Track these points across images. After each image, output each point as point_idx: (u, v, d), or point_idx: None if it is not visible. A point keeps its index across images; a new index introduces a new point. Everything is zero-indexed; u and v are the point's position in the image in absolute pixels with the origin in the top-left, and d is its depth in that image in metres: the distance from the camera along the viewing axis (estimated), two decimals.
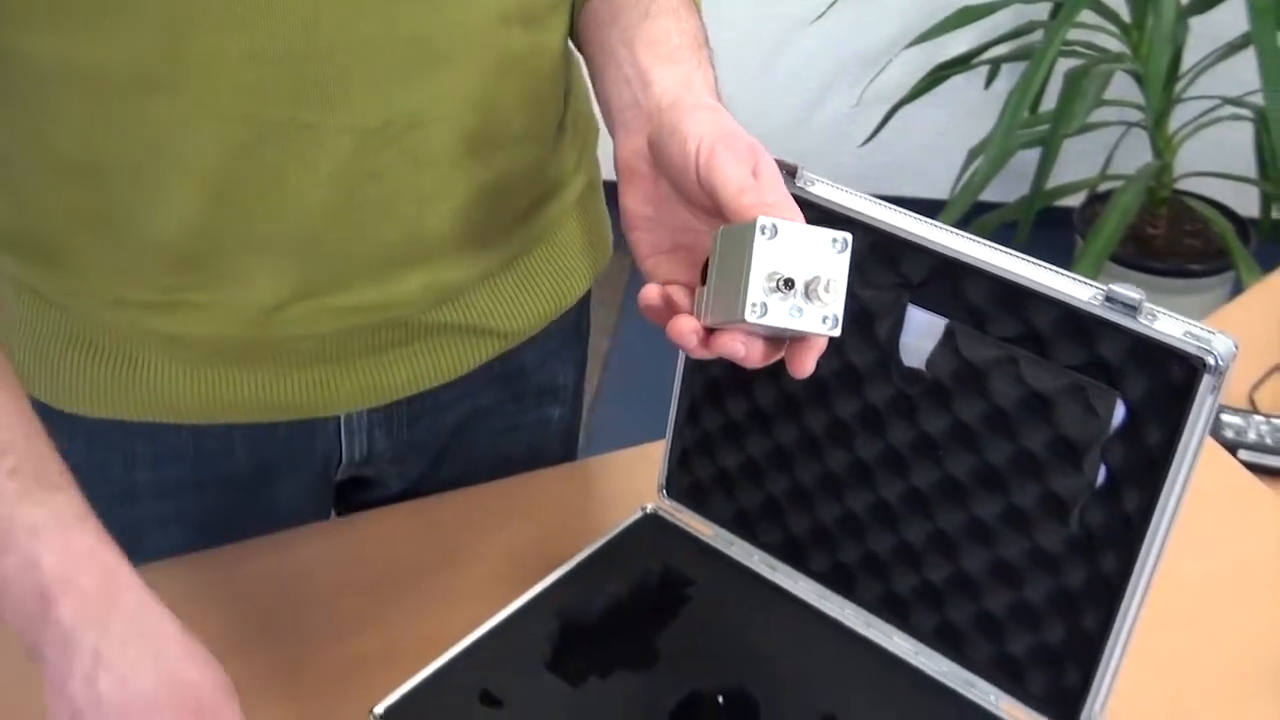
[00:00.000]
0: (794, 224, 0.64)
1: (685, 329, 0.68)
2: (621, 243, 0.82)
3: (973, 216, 2.64)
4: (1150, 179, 2.64)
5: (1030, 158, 2.60)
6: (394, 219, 0.86)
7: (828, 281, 0.64)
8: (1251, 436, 1.28)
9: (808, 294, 0.64)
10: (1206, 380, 0.68)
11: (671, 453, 0.94)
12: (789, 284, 0.63)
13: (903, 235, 0.77)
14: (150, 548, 1.00)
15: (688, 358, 0.90)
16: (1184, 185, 2.84)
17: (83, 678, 0.68)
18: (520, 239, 0.96)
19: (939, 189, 2.81)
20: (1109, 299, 0.70)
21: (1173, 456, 0.70)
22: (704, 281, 0.70)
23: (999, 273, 0.74)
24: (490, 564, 0.99)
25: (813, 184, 0.80)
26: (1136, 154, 2.76)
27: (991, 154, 2.46)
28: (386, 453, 1.03)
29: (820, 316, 0.64)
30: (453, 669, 0.83)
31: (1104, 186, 2.88)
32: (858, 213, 0.78)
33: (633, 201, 0.76)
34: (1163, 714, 0.89)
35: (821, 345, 0.68)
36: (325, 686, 0.90)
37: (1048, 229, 2.78)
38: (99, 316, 0.88)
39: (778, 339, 0.68)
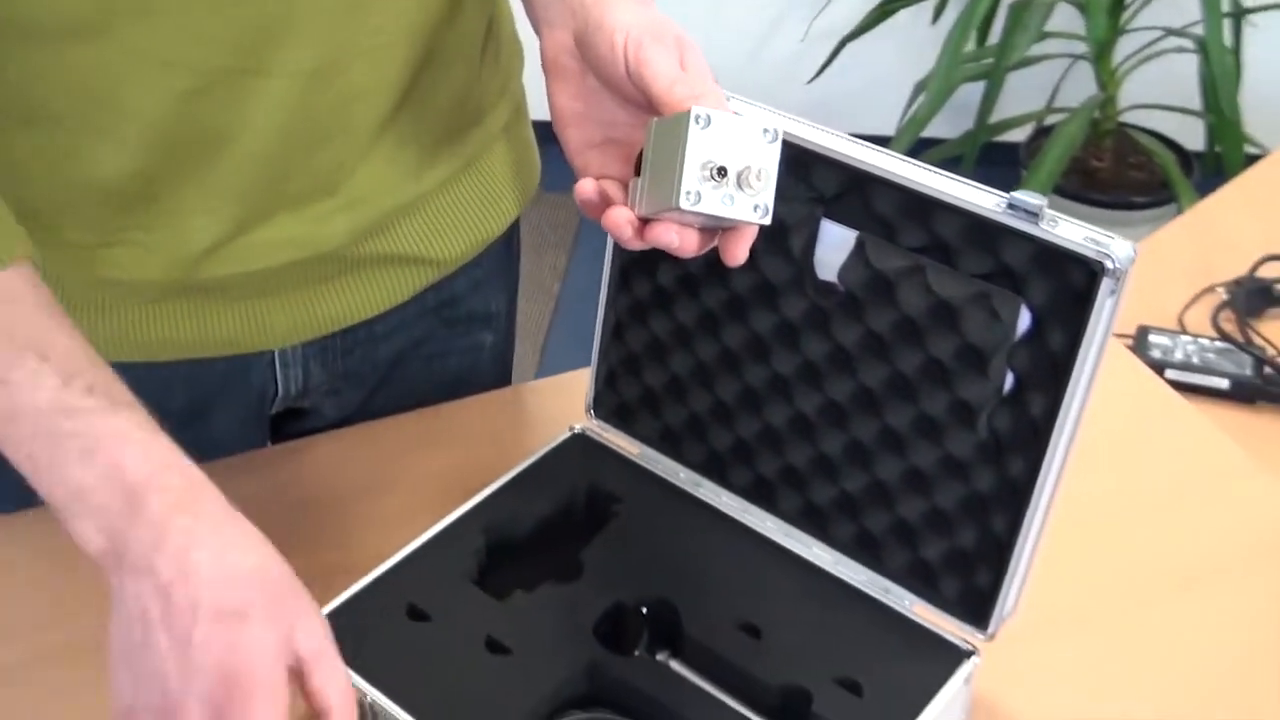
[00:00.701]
0: (727, 114, 0.67)
1: (620, 220, 0.71)
2: (561, 183, 0.82)
3: (918, 151, 2.64)
4: (1094, 111, 2.66)
5: (976, 92, 2.61)
6: (327, 154, 0.87)
7: (759, 170, 0.67)
8: (1178, 356, 1.30)
9: (740, 183, 0.67)
10: (1106, 284, 0.70)
11: (598, 373, 0.95)
12: (722, 172, 0.66)
13: (815, 149, 0.78)
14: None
15: (612, 279, 0.91)
16: (1129, 118, 2.85)
17: (174, 552, 0.66)
18: (448, 166, 0.97)
19: (887, 125, 2.81)
20: (1011, 206, 0.72)
21: (1075, 360, 0.72)
22: (638, 173, 0.72)
23: (907, 183, 0.75)
24: (422, 488, 1.00)
25: (729, 99, 0.80)
26: (1082, 87, 2.78)
27: (935, 87, 2.47)
28: (322, 385, 1.04)
29: (752, 205, 0.67)
30: (379, 586, 0.84)
31: (1049, 120, 2.89)
32: None
33: (562, 98, 0.77)
34: (1073, 616, 0.92)
35: (752, 234, 0.71)
36: None
37: (994, 164, 2.79)
38: (37, 257, 0.89)
39: (710, 229, 0.71)
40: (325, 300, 0.96)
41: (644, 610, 0.84)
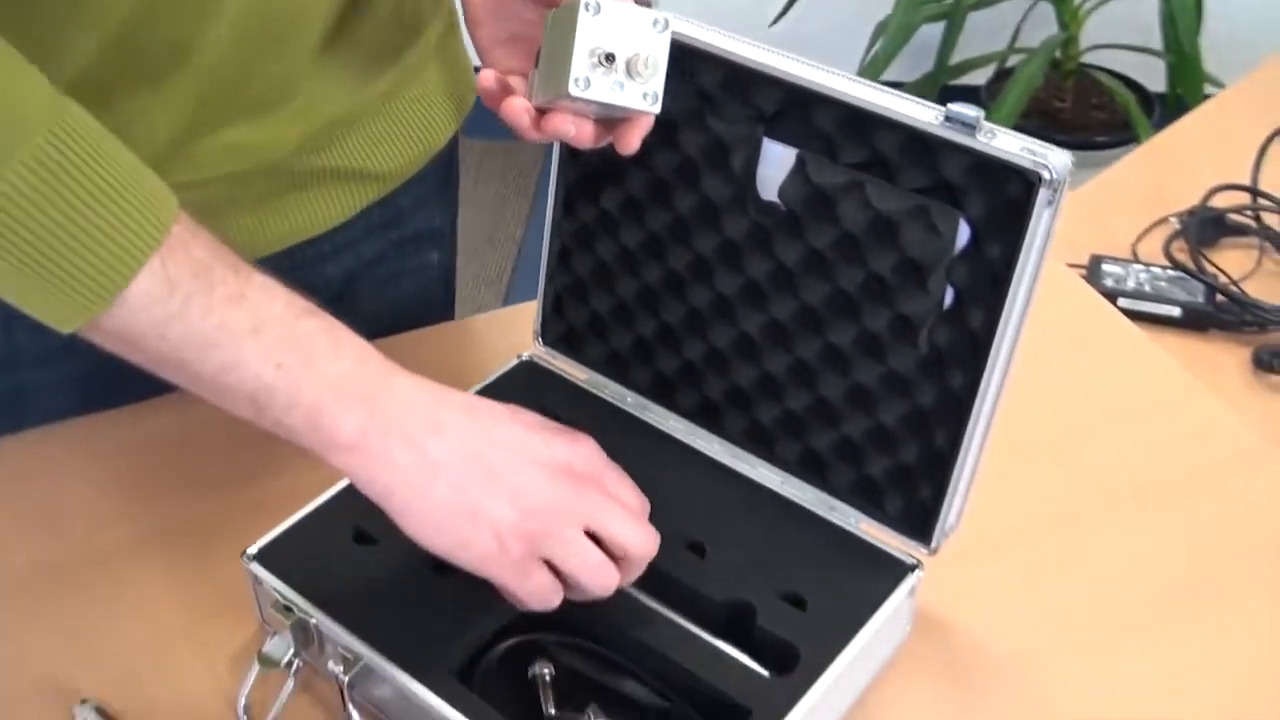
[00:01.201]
0: (616, 3, 0.69)
1: (518, 109, 0.73)
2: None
3: None
4: (1055, 51, 2.66)
5: (937, 34, 2.61)
6: (280, 62, 0.87)
7: (648, 58, 0.69)
8: (1130, 285, 1.31)
9: (629, 71, 0.69)
10: (1043, 194, 0.70)
11: (545, 300, 0.95)
12: (610, 59, 0.69)
13: (754, 67, 0.78)
14: (36, 413, 1.00)
15: (557, 204, 0.91)
16: (1090, 58, 2.85)
17: (446, 401, 0.73)
18: (387, 80, 0.97)
19: (847, 68, 2.80)
20: (948, 118, 0.71)
21: (1014, 272, 0.72)
22: (537, 66, 0.74)
23: (846, 99, 0.75)
24: None
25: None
26: (1043, 28, 2.77)
27: (894, 29, 2.47)
28: None
29: (641, 93, 0.70)
30: (325, 511, 0.84)
31: (1011, 62, 2.89)
32: (710, 45, 0.79)
33: None
34: (1018, 533, 0.92)
35: (646, 124, 0.74)
36: (208, 539, 0.91)
37: None
38: None
39: (606, 120, 0.73)
40: (274, 218, 0.96)
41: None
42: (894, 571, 0.80)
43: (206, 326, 0.69)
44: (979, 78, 2.93)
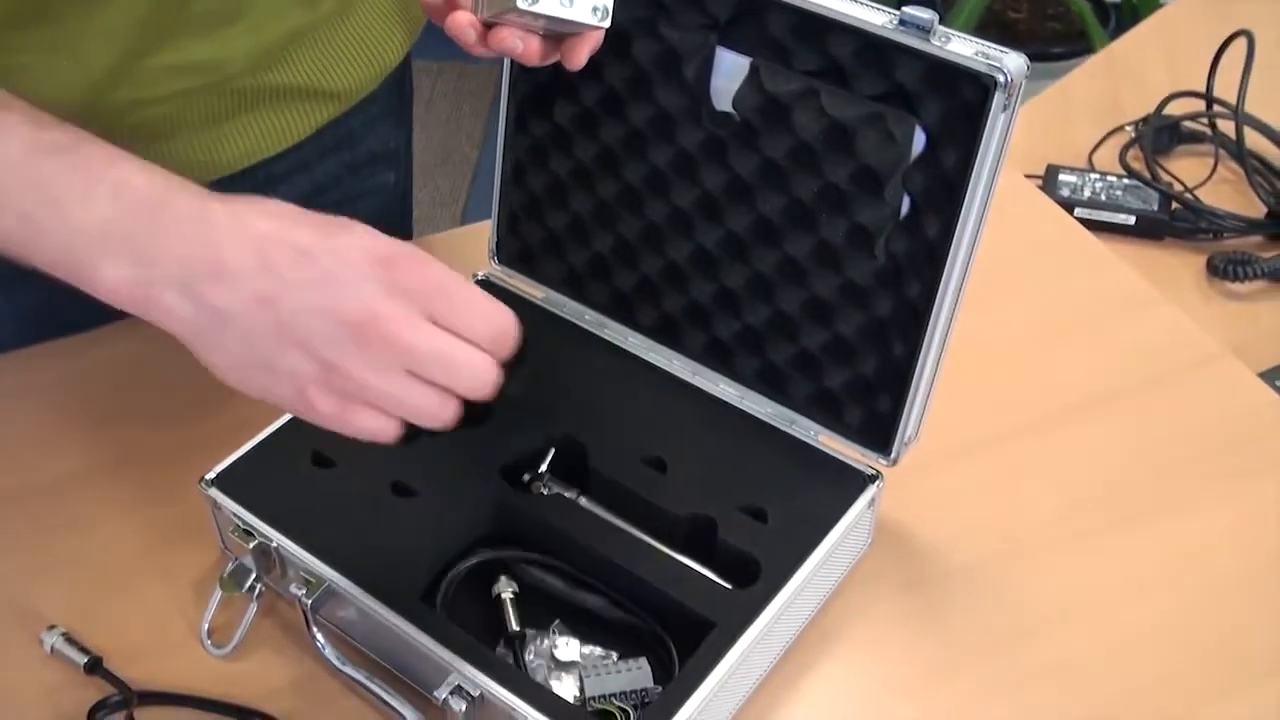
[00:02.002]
0: None
1: (463, 22, 0.70)
2: None
3: None
4: None
5: None
6: None
7: None
8: (1086, 194, 1.30)
9: None
10: (998, 98, 0.69)
11: (499, 218, 0.94)
12: None
13: None
14: None
15: (508, 121, 0.90)
16: None
17: (229, 226, 0.63)
18: None
19: None
20: (903, 22, 0.70)
21: (969, 178, 0.71)
22: None
23: (799, 4, 0.74)
24: None
25: None
26: None
27: None
28: None
29: (590, 7, 0.68)
30: (283, 435, 0.83)
31: None
32: None
33: None
34: (977, 442, 0.93)
35: (595, 39, 0.71)
36: (166, 467, 0.90)
37: None
38: None
39: (553, 35, 0.71)
40: (227, 140, 0.95)
41: (551, 449, 0.83)
42: (854, 483, 0.80)
43: None
44: None
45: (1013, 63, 0.69)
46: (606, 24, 0.69)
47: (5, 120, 0.64)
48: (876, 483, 0.80)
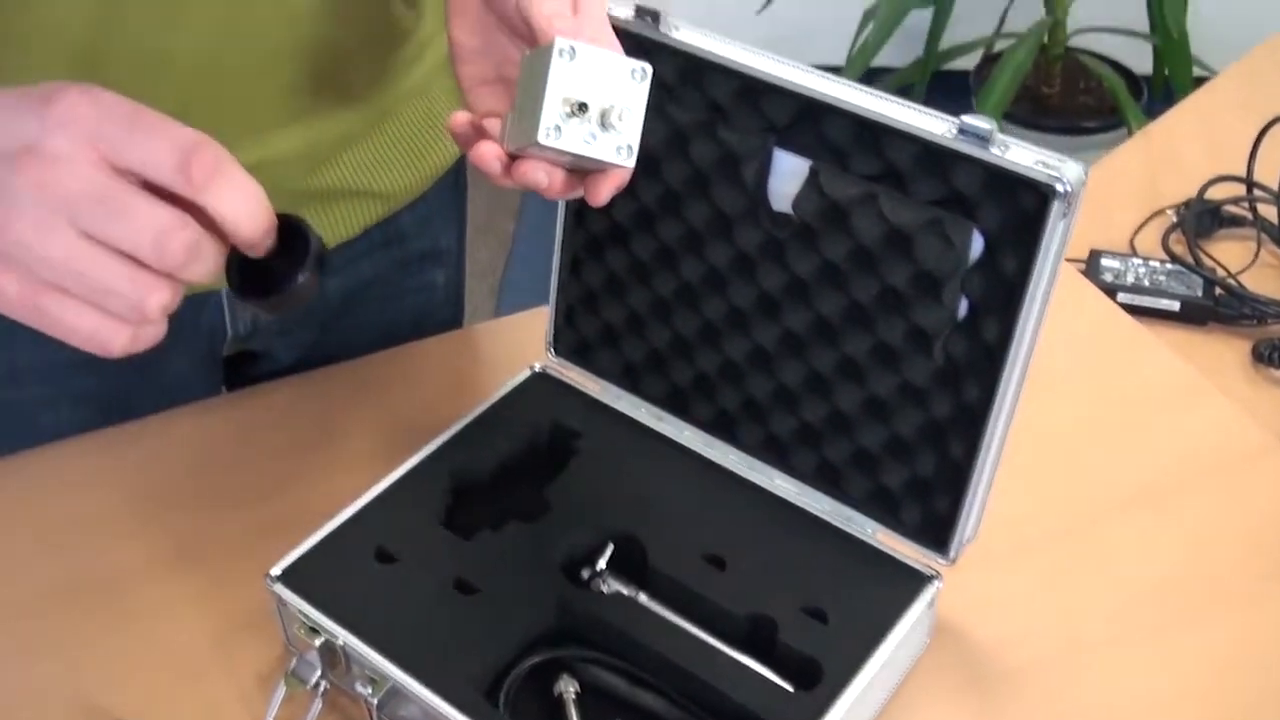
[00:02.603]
0: (592, 48, 0.64)
1: (488, 154, 0.69)
2: None
3: (869, 81, 2.61)
4: (1043, 35, 2.66)
5: (925, 19, 2.61)
6: (266, 77, 0.86)
7: (623, 110, 0.65)
8: (1129, 279, 1.31)
9: (603, 122, 0.65)
10: (1057, 207, 0.70)
11: (556, 310, 0.95)
12: (583, 108, 0.64)
13: (766, 78, 0.78)
14: (44, 428, 1.00)
15: (567, 215, 0.91)
16: (1078, 42, 2.86)
17: None
18: (390, 97, 0.97)
19: (837, 54, 2.81)
20: (962, 131, 0.72)
21: (1028, 284, 0.72)
22: (512, 109, 0.70)
23: (858, 111, 0.75)
24: (383, 431, 1.00)
25: (676, 29, 0.80)
26: (1031, 12, 2.78)
27: (883, 15, 2.47)
28: (271, 325, 1.04)
29: (614, 146, 0.65)
30: (347, 530, 0.84)
31: (999, 47, 2.89)
32: (721, 57, 0.79)
33: (459, 32, 0.76)
34: (1032, 538, 0.93)
35: (620, 178, 0.69)
36: (226, 557, 0.91)
37: (944, 92, 2.78)
38: None
39: (579, 170, 0.69)
40: None
41: (610, 546, 0.84)
42: (913, 582, 0.81)
43: None
44: (967, 62, 2.93)
45: (1072, 172, 0.70)
46: (630, 163, 0.66)
47: None
48: (935, 583, 0.81)
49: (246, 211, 0.59)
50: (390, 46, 0.95)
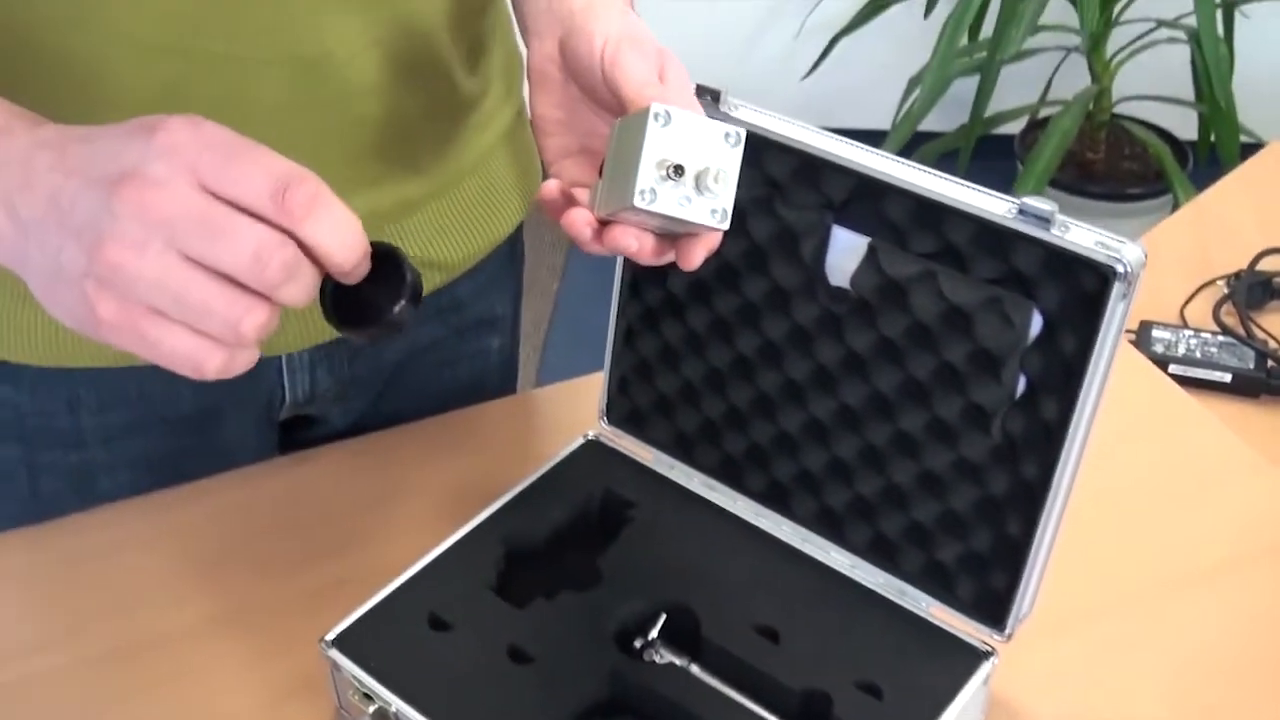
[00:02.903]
0: (688, 112, 0.66)
1: (579, 221, 0.70)
2: None
3: (914, 146, 2.66)
4: (1088, 103, 2.67)
5: (971, 86, 2.62)
6: (329, 148, 0.87)
7: (718, 173, 0.65)
8: (1181, 351, 1.31)
9: (698, 185, 0.66)
10: (1117, 288, 0.70)
11: (610, 379, 0.96)
12: (679, 171, 0.65)
13: (824, 156, 0.79)
14: (102, 491, 1.01)
15: (623, 286, 0.92)
16: (1123, 109, 2.86)
17: (57, 135, 0.61)
18: (453, 168, 0.98)
19: (882, 120, 2.82)
20: (1022, 212, 0.72)
21: (1088, 364, 0.73)
22: (601, 175, 0.71)
23: (917, 190, 0.76)
24: (436, 496, 1.01)
25: (736, 109, 0.81)
26: (1075, 79, 2.79)
27: (929, 82, 2.48)
28: (329, 391, 1.05)
29: (709, 209, 0.66)
30: (400, 596, 0.85)
31: (1044, 113, 2.90)
32: (781, 135, 0.80)
33: (543, 106, 0.77)
34: (1086, 614, 0.92)
35: (711, 242, 0.70)
36: (279, 620, 0.92)
37: (989, 157, 2.80)
38: None
39: (669, 235, 0.70)
40: None
41: (663, 616, 0.84)
42: (968, 658, 0.80)
43: None
44: (1012, 126, 2.94)
45: (1131, 254, 0.70)
46: (725, 226, 0.67)
47: None
48: (991, 659, 0.80)
49: (340, 241, 0.60)
50: (454, 118, 0.96)
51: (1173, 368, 1.28)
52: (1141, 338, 1.32)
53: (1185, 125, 2.85)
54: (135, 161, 0.57)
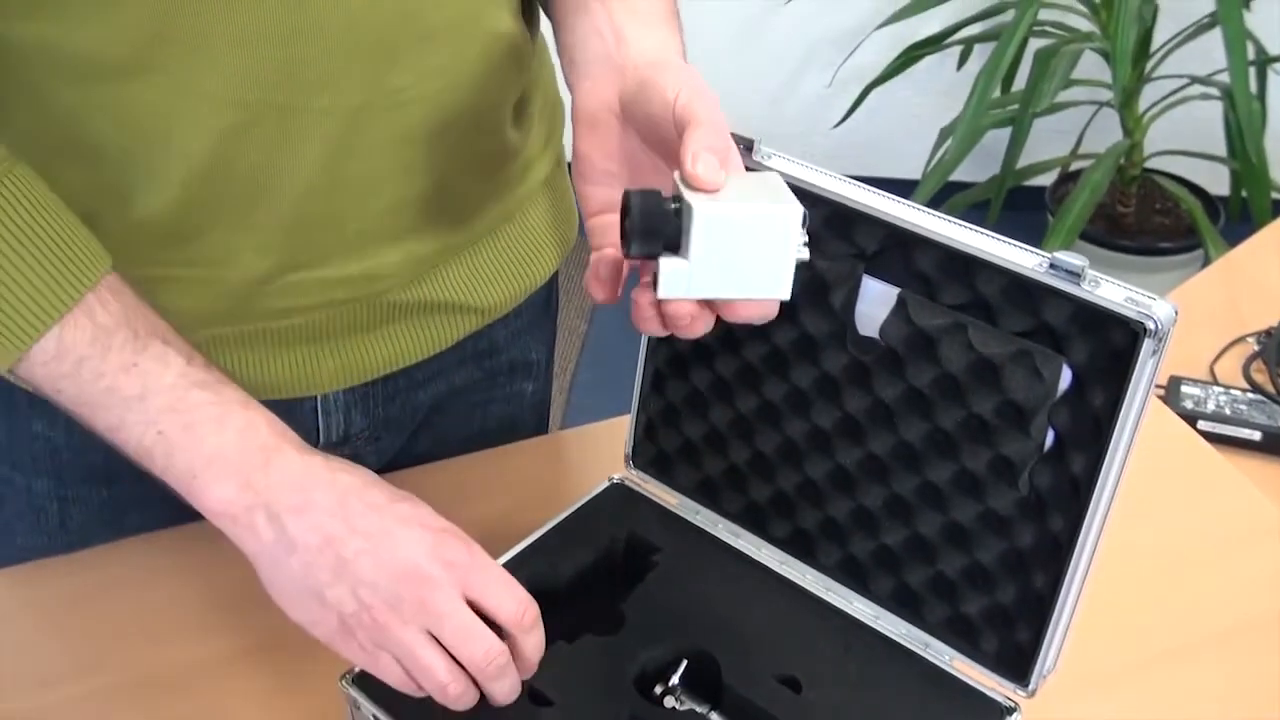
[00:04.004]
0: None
1: (648, 312, 0.71)
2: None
3: (945, 196, 2.66)
4: (1120, 157, 2.67)
5: (1002, 138, 2.63)
6: (375, 195, 0.89)
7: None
8: (1210, 407, 1.31)
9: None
10: (1147, 344, 0.70)
11: (637, 424, 0.96)
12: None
13: (856, 207, 0.79)
14: (131, 525, 1.02)
15: None
16: (1154, 164, 2.86)
17: (325, 482, 0.75)
18: (493, 215, 0.98)
19: (913, 169, 2.83)
20: (1053, 266, 0.72)
21: (1117, 419, 0.72)
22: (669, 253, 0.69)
23: (948, 242, 0.76)
24: None
25: (769, 158, 0.81)
26: (1107, 133, 2.79)
27: (961, 133, 2.48)
28: (363, 431, 1.05)
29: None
30: None
31: (1075, 166, 2.91)
32: (813, 185, 0.80)
33: (595, 152, 0.78)
34: (1110, 672, 0.92)
35: (769, 307, 0.72)
36: (300, 656, 0.91)
37: (1020, 209, 2.81)
38: None
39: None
40: (371, 347, 0.97)
41: (684, 662, 0.84)
42: (991, 714, 0.80)
43: (96, 389, 0.75)
44: (1044, 179, 2.95)
45: (1162, 310, 0.70)
46: (786, 295, 0.70)
47: (166, 352, 0.76)
48: (1015, 715, 0.80)
49: (539, 652, 0.77)
50: (498, 168, 0.97)
51: (1202, 424, 1.28)
52: (1171, 393, 1.32)
53: (1217, 181, 2.85)
54: (418, 559, 0.73)
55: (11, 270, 0.74)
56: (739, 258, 0.67)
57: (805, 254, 0.69)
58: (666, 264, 0.68)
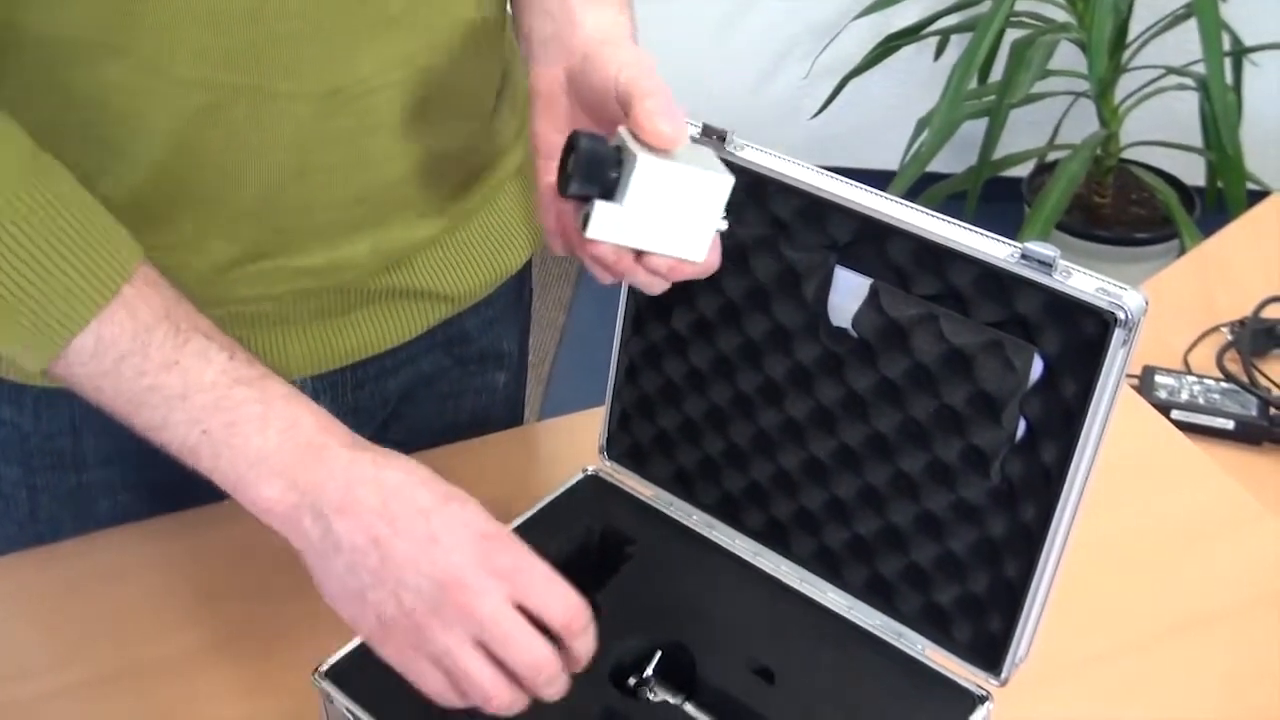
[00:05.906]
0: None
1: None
2: None
3: (922, 187, 2.66)
4: (1096, 148, 2.68)
5: (979, 129, 2.63)
6: (344, 183, 0.88)
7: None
8: (1184, 397, 1.31)
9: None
10: (1118, 334, 0.70)
11: (611, 415, 0.96)
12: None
13: (829, 198, 0.79)
14: (102, 514, 1.01)
15: (626, 322, 0.92)
16: (1131, 154, 2.87)
17: (370, 480, 0.72)
18: (464, 204, 0.98)
19: (890, 160, 2.83)
20: (1025, 257, 0.72)
21: (1088, 408, 0.73)
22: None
23: (920, 233, 0.76)
24: None
25: (742, 149, 0.81)
26: (1084, 124, 2.80)
27: (937, 125, 2.49)
28: None
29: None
30: None
31: (1052, 156, 2.91)
32: (786, 176, 0.80)
33: (545, 127, 0.80)
34: (1083, 660, 0.92)
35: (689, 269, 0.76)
36: (273, 650, 0.92)
37: (997, 200, 2.81)
38: None
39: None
40: (341, 333, 0.97)
41: (658, 653, 0.84)
42: (964, 702, 0.80)
43: (138, 387, 0.73)
44: (1021, 170, 2.95)
45: (1133, 300, 0.70)
46: (699, 258, 0.75)
47: (209, 347, 0.75)
48: (986, 704, 0.80)
49: (589, 654, 0.74)
50: (467, 157, 0.97)
51: (1175, 414, 1.28)
52: (1145, 383, 1.32)
53: (1193, 171, 2.86)
54: (463, 566, 0.71)
55: (40, 269, 0.72)
56: (668, 214, 0.72)
57: (724, 224, 0.74)
58: (601, 206, 0.71)
